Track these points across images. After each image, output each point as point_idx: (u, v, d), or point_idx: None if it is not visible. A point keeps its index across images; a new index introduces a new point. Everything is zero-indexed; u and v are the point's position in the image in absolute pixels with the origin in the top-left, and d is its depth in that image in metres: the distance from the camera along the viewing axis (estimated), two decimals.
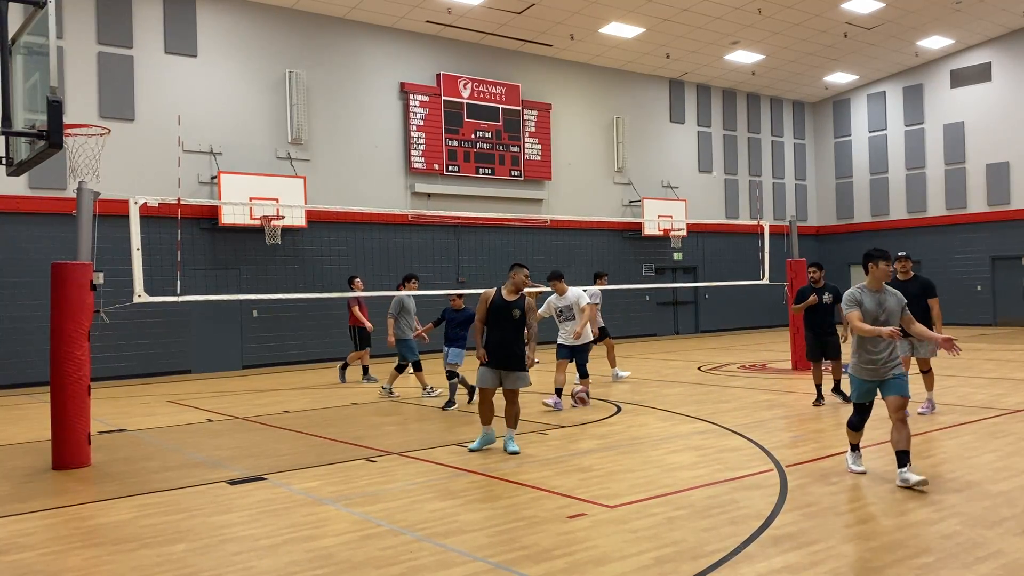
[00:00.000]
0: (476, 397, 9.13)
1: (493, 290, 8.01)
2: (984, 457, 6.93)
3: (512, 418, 7.75)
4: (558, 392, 10.49)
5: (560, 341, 10.94)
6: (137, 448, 8.62)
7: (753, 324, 26.19)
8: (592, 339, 11.17)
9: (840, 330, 10.04)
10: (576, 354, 10.88)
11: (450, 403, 10.73)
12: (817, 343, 10.30)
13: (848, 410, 9.47)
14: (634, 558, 4.59)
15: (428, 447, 8.05)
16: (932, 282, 9.31)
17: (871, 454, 7.17)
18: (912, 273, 9.31)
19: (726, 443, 7.86)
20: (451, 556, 4.72)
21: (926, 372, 9.27)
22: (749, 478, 6.39)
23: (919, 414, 9.11)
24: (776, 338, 21.87)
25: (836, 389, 10.39)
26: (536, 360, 8.01)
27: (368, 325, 13.96)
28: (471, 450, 7.75)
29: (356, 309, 13.93)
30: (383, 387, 12.35)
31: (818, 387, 10.19)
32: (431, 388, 12.04)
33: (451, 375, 10.78)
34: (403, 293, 11.98)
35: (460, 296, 11.26)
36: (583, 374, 10.92)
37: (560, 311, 10.90)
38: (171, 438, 9.15)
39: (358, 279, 14.36)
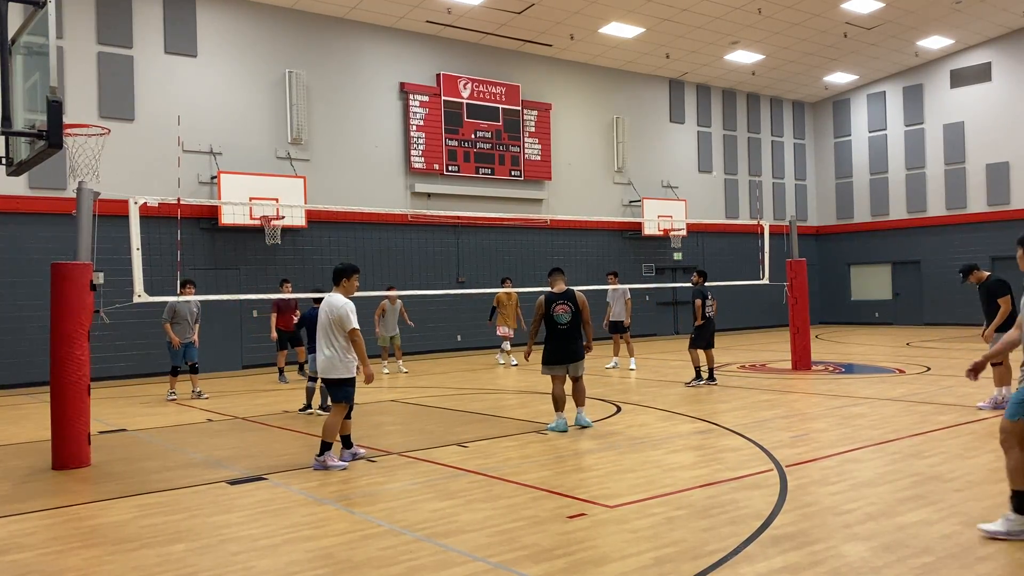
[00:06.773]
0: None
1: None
2: (984, 457, 6.92)
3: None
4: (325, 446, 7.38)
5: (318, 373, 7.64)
6: (137, 448, 8.62)
7: (753, 324, 26.18)
8: (350, 375, 7.37)
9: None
10: (331, 389, 7.41)
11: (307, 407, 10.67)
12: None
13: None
14: (634, 558, 4.59)
15: (428, 447, 8.04)
16: (997, 282, 9.25)
17: (870, 454, 7.18)
18: (985, 276, 9.45)
19: (726, 443, 7.86)
20: (451, 556, 4.72)
21: (997, 365, 9.17)
22: (749, 478, 6.38)
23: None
24: (776, 338, 21.87)
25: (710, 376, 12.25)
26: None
27: (272, 335, 14.67)
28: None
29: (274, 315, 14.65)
30: (171, 391, 12.74)
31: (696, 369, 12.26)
32: (173, 393, 12.61)
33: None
34: (174, 299, 11.33)
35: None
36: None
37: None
38: (171, 438, 9.15)
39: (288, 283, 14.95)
